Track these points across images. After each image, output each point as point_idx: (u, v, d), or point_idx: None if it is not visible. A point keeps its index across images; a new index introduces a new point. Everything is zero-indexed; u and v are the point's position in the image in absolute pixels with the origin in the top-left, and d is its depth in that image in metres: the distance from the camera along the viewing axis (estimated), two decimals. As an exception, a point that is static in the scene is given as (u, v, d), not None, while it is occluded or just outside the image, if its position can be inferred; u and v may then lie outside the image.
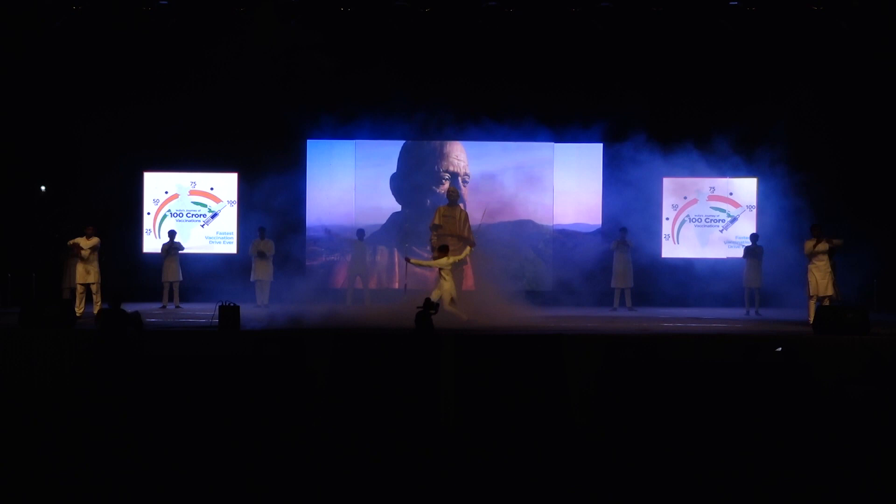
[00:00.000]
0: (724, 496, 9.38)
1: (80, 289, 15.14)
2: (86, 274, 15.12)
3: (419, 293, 14.41)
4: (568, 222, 18.87)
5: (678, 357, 12.66)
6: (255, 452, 10.58)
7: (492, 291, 15.63)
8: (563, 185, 18.97)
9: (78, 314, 14.63)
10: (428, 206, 18.32)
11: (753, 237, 17.23)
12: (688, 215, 19.07)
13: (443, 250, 14.89)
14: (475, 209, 18.00)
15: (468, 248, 15.39)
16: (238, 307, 13.35)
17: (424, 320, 11.27)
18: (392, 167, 19.07)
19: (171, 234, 17.51)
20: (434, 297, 14.33)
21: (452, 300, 14.49)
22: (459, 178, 18.71)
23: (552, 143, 18.75)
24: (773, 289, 17.03)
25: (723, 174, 18.67)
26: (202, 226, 19.09)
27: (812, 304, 14.38)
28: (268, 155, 18.96)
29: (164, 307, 16.83)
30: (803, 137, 18.18)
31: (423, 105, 17.87)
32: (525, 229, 18.69)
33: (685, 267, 18.44)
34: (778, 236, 17.43)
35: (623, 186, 18.11)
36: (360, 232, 17.77)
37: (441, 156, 18.98)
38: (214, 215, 19.12)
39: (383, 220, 18.93)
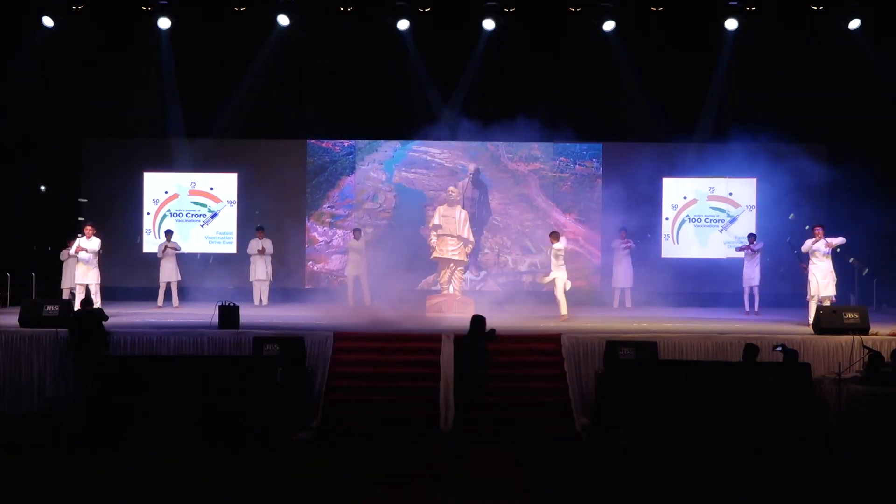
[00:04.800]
0: (725, 495, 9.38)
1: (79, 289, 15.13)
2: (85, 274, 15.12)
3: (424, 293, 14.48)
4: (568, 221, 18.84)
5: (678, 357, 12.68)
6: (255, 452, 10.58)
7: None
8: (563, 184, 18.98)
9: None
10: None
11: (751, 237, 17.21)
12: (687, 215, 19.08)
13: (553, 236, 15.31)
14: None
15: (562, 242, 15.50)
16: (238, 307, 13.35)
17: (478, 324, 11.36)
18: (391, 167, 19.05)
19: (168, 233, 17.49)
20: (545, 281, 15.38)
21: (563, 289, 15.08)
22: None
23: (552, 143, 18.74)
24: (773, 289, 17.03)
25: (722, 174, 18.68)
26: (202, 226, 19.09)
27: (812, 305, 14.37)
28: (268, 155, 18.98)
29: (159, 307, 16.79)
30: (804, 137, 18.21)
31: (422, 105, 17.86)
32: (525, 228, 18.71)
33: (685, 267, 18.43)
34: (777, 236, 17.46)
35: (623, 186, 18.11)
36: (357, 232, 17.76)
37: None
38: (214, 215, 19.11)
39: (382, 220, 18.93)
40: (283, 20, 17.02)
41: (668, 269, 18.38)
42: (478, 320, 11.27)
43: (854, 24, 16.72)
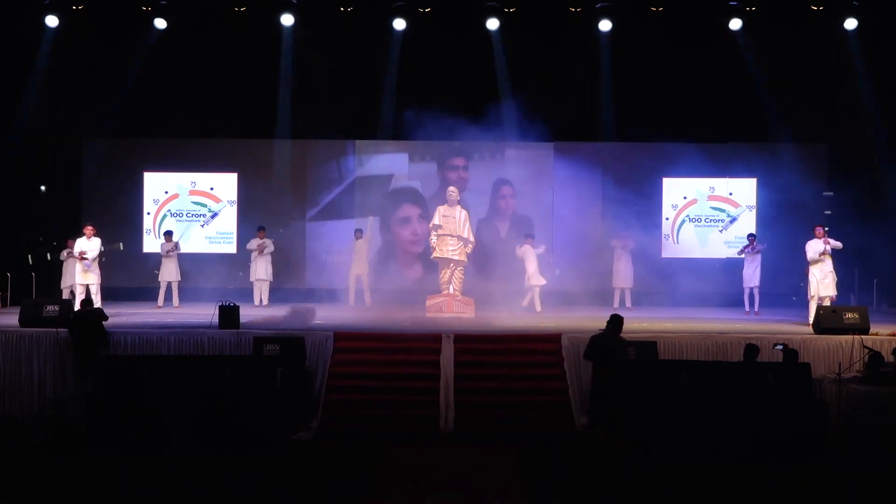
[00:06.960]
0: (724, 495, 9.39)
1: (79, 289, 15.13)
2: (85, 274, 15.12)
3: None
4: (568, 221, 18.82)
5: (678, 357, 12.68)
6: (255, 452, 10.59)
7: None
8: (562, 184, 18.98)
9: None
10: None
11: (751, 237, 17.20)
12: (687, 215, 19.07)
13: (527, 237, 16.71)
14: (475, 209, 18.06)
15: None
16: (238, 307, 13.35)
17: (617, 323, 11.83)
18: (390, 166, 19.06)
19: (168, 234, 17.48)
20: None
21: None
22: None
23: (551, 143, 18.73)
24: (773, 289, 17.03)
25: (722, 174, 18.68)
26: (202, 226, 19.08)
27: (813, 304, 14.38)
28: (268, 155, 18.98)
29: (159, 307, 16.79)
30: (804, 137, 18.20)
31: (421, 105, 17.85)
32: (525, 228, 18.68)
33: (685, 267, 18.42)
34: (777, 236, 17.45)
35: (623, 186, 18.10)
36: (359, 231, 17.76)
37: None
38: (214, 215, 19.11)
39: (381, 220, 18.93)
40: (283, 20, 17.03)
41: (668, 269, 18.37)
42: (616, 319, 11.61)
43: (853, 23, 16.71)
